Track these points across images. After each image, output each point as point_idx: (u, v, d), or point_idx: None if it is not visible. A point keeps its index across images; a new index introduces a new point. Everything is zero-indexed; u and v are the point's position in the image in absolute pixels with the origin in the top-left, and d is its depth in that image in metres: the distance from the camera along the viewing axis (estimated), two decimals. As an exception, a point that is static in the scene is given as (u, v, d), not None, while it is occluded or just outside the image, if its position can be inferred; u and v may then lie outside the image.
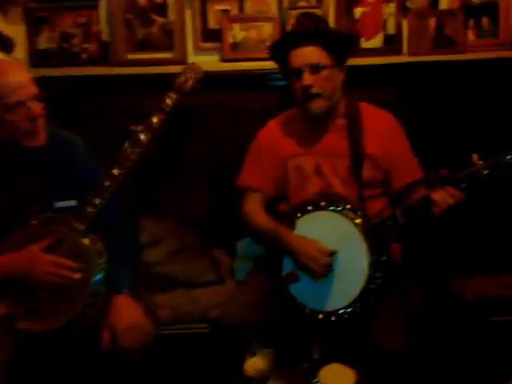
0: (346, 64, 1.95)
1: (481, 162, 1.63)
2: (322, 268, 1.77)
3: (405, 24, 2.53)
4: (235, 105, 2.58)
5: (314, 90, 1.86)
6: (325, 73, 1.86)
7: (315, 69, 1.85)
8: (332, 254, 1.78)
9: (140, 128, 1.98)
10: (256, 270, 2.08)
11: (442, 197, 1.67)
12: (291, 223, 1.89)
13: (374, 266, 1.75)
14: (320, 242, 1.79)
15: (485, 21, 2.52)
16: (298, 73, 1.87)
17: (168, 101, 2.06)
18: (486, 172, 1.62)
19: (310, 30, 1.88)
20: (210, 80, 2.50)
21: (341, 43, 1.91)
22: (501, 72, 2.50)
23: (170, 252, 2.37)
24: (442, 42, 2.52)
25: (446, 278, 2.13)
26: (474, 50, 2.52)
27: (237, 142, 2.29)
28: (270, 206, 2.08)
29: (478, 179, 1.63)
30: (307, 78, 1.85)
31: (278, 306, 1.86)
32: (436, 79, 2.52)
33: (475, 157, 1.64)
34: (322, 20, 2.02)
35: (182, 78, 2.13)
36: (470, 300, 2.04)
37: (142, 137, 1.97)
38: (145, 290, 2.22)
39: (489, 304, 2.05)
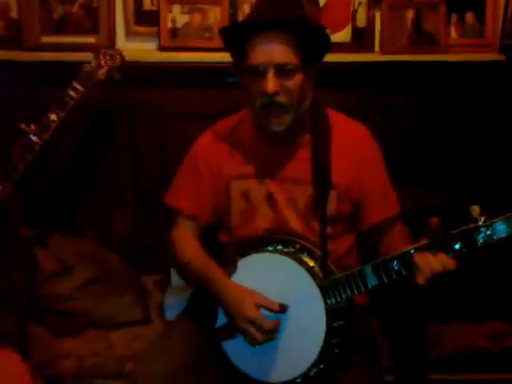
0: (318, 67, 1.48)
1: (482, 218, 1.22)
2: (264, 335, 1.35)
3: (378, 16, 2.15)
4: (175, 104, 2.16)
5: (280, 100, 1.39)
6: (295, 78, 1.39)
7: (283, 71, 1.37)
8: (281, 310, 1.36)
9: (33, 128, 1.54)
10: (187, 312, 1.64)
11: (427, 260, 1.26)
12: (231, 264, 1.46)
13: (332, 330, 1.34)
14: (264, 295, 1.37)
15: (469, 17, 2.17)
16: (259, 72, 1.38)
17: (71, 93, 1.62)
18: (488, 232, 1.21)
19: (284, 16, 1.37)
20: (144, 72, 2.12)
21: (319, 39, 1.42)
22: (485, 77, 2.15)
23: (84, 282, 1.92)
24: (421, 39, 2.15)
25: (423, 325, 1.75)
26: (457, 49, 2.16)
27: (174, 150, 1.88)
28: (210, 232, 1.65)
29: (476, 242, 1.22)
30: (272, 83, 1.37)
31: (207, 368, 1.44)
32: (412, 82, 2.15)
33: (475, 209, 1.22)
34: (297, 2, 1.49)
35: (94, 65, 1.69)
36: (450, 356, 1.67)
37: (35, 139, 1.53)
38: (46, 333, 1.80)
39: (471, 358, 1.69)
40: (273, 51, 1.37)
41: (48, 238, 1.98)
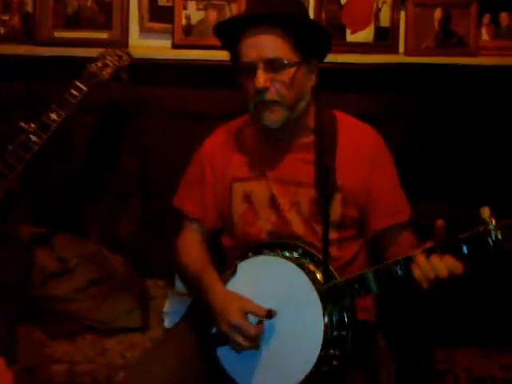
0: (319, 63, 1.45)
1: (493, 221, 1.11)
2: (247, 342, 1.30)
3: (402, 15, 2.02)
4: (186, 104, 2.09)
5: (270, 96, 1.36)
6: (287, 73, 1.36)
7: (273, 66, 1.36)
8: (268, 316, 1.30)
9: (32, 127, 1.50)
10: (186, 319, 1.57)
11: (432, 265, 1.17)
12: (231, 267, 1.42)
13: (330, 340, 1.27)
14: (254, 302, 1.32)
15: (504, 17, 2.01)
16: (250, 69, 1.37)
17: (74, 92, 1.58)
18: (498, 235, 1.11)
19: (272, 11, 1.36)
20: (156, 70, 2.06)
21: (315, 35, 1.40)
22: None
23: (85, 284, 1.86)
24: (449, 40, 2.01)
25: (429, 348, 1.62)
26: (488, 53, 2.01)
27: (184, 151, 1.80)
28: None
29: (485, 244, 1.12)
30: (261, 78, 1.35)
31: (199, 382, 1.39)
32: (438, 87, 2.01)
33: (486, 211, 1.12)
34: None
35: (100, 64, 1.65)
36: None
37: (34, 139, 1.49)
38: (41, 335, 1.76)
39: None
40: (262, 46, 1.35)
41: (52, 237, 1.94)
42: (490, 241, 1.11)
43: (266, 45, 1.35)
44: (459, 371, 1.57)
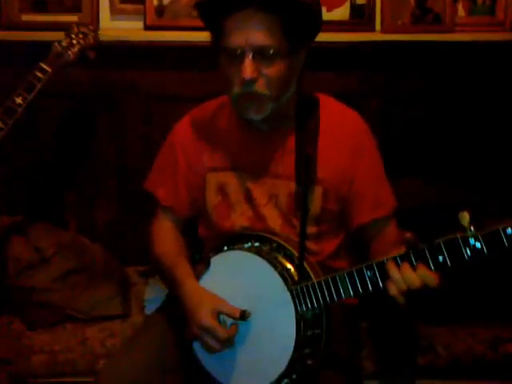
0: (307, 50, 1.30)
1: (472, 228, 1.00)
2: (219, 344, 1.25)
3: (379, -8, 2.01)
4: (161, 87, 2.05)
5: (258, 89, 1.22)
6: (277, 64, 1.22)
7: (262, 54, 1.21)
8: (242, 317, 1.25)
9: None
10: (164, 307, 1.53)
11: (404, 277, 1.07)
12: (204, 260, 1.35)
13: (304, 339, 1.21)
14: (227, 301, 1.26)
15: (479, -7, 2.00)
16: (236, 55, 1.22)
17: (38, 74, 1.52)
18: (477, 245, 1.00)
19: None
20: (128, 53, 2.01)
21: (306, 18, 1.24)
22: (496, 58, 1.99)
23: (62, 273, 1.83)
24: (425, 17, 1.99)
25: (414, 327, 1.63)
26: (464, 29, 2.00)
27: (160, 136, 1.76)
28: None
29: (462, 255, 1.02)
30: (249, 68, 1.20)
31: (175, 371, 1.34)
32: (415, 64, 2.00)
33: (465, 216, 1.01)
34: None
35: (64, 44, 1.59)
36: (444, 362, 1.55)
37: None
38: (20, 326, 1.74)
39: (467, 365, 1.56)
40: (251, 32, 1.20)
41: (27, 227, 1.90)
42: (468, 251, 1.01)
43: (255, 30, 1.19)
44: (439, 348, 1.59)
